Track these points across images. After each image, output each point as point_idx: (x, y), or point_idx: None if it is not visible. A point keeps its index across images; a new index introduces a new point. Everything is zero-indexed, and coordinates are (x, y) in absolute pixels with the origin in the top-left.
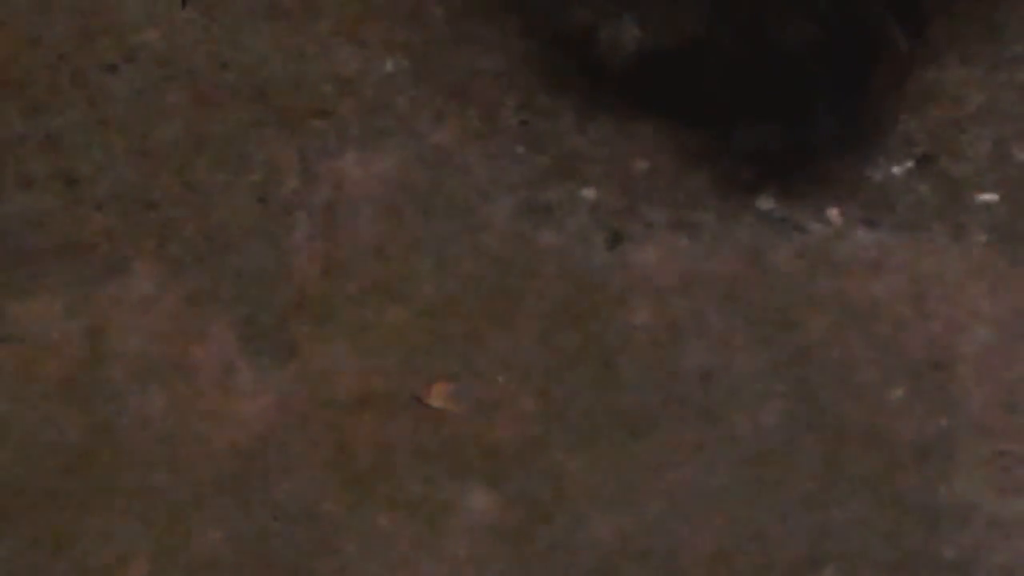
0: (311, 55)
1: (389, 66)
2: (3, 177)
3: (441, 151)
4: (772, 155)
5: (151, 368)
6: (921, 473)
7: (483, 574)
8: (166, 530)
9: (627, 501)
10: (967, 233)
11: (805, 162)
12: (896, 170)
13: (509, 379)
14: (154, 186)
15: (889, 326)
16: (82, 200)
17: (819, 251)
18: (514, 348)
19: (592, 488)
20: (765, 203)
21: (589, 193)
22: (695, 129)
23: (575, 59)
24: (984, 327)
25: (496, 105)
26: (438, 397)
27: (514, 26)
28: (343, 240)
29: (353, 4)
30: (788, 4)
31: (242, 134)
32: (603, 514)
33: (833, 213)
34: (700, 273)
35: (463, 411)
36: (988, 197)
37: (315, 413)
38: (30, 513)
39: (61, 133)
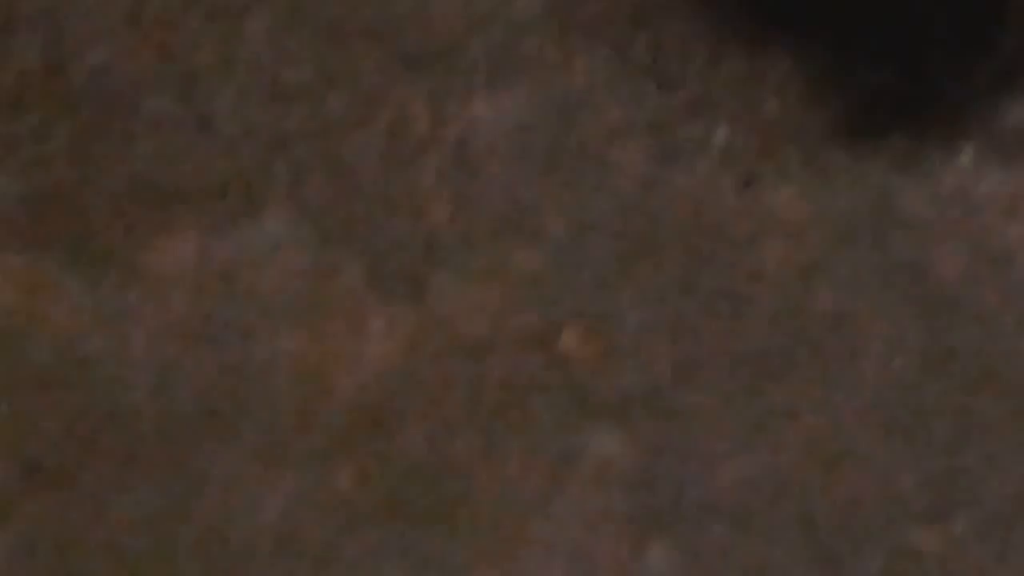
0: None
1: (519, 6)
2: (136, 118)
3: (571, 92)
4: (902, 94)
5: (282, 310)
6: None
7: (614, 519)
8: (298, 473)
9: (757, 447)
10: None
11: (937, 102)
12: None
13: (640, 322)
14: (285, 127)
15: (1022, 269)
16: (215, 141)
17: (951, 193)
18: (645, 291)
19: (722, 433)
20: (897, 144)
21: (721, 134)
22: (828, 69)
23: None
24: None
25: (627, 45)
26: (568, 340)
27: None
28: (472, 182)
29: None
30: None
31: (371, 76)
32: (733, 460)
33: (966, 155)
34: (832, 215)
35: (593, 354)
36: None
37: (445, 356)
38: (164, 454)
39: (194, 74)
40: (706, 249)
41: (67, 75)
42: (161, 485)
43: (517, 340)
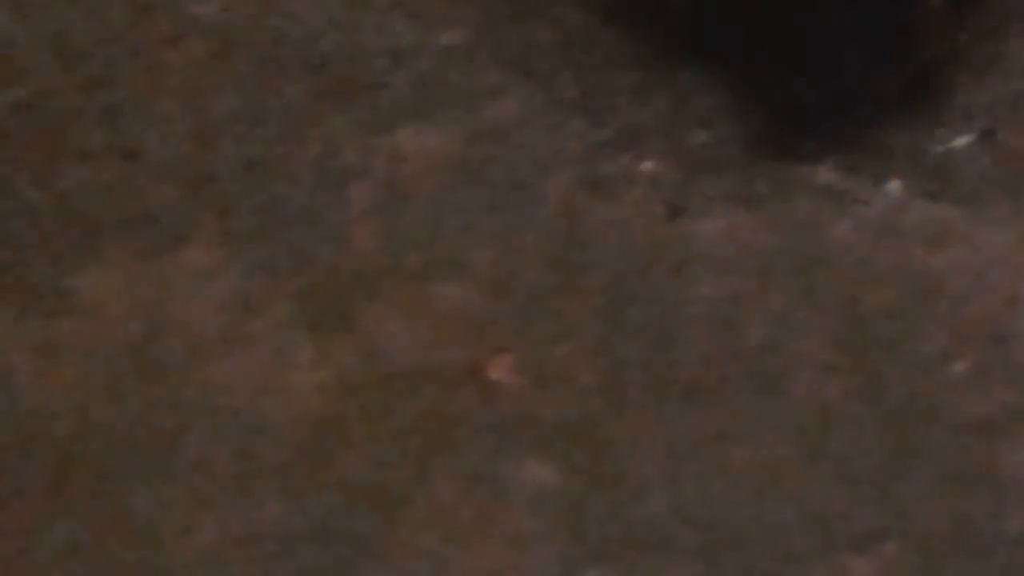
0: (368, 28)
1: (446, 39)
2: (62, 151)
3: (498, 125)
4: (828, 124)
5: (210, 342)
6: (984, 447)
7: (543, 546)
8: (228, 503)
9: (687, 474)
10: None
11: (863, 133)
12: (957, 142)
13: (568, 352)
14: (212, 159)
15: (951, 300)
16: (141, 174)
17: (879, 224)
18: (573, 321)
19: (651, 461)
20: (825, 175)
21: (648, 166)
22: (755, 102)
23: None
24: None
25: (554, 78)
26: (497, 370)
27: None
28: (400, 213)
29: None
30: None
31: (299, 107)
32: (663, 487)
33: (893, 186)
34: (760, 246)
35: (522, 384)
36: None
37: (374, 387)
38: (92, 486)
39: (119, 106)
40: (634, 280)
41: None
42: (89, 517)
43: (447, 370)
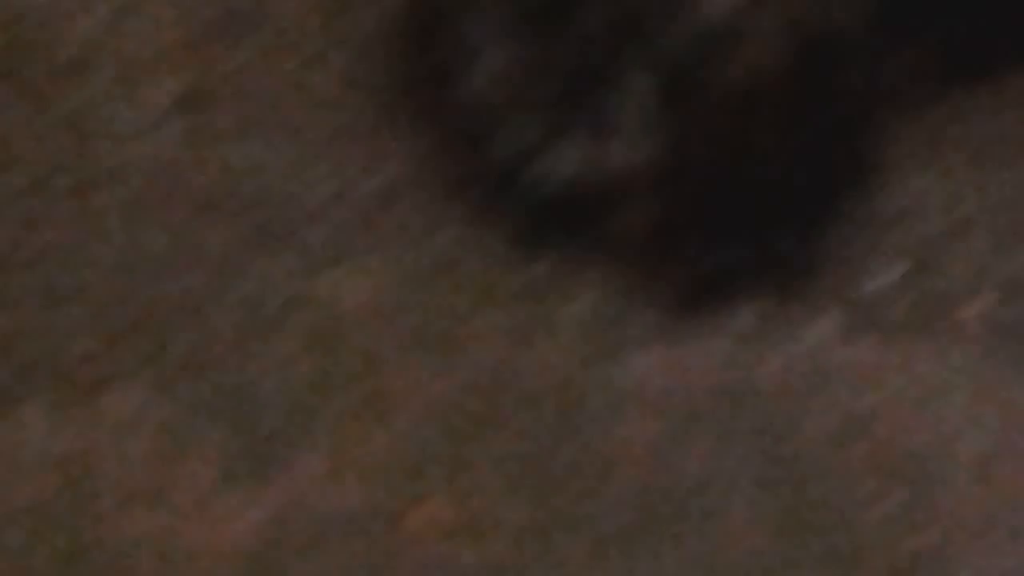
0: (302, 167)
1: (380, 179)
2: None
3: (432, 263)
4: (751, 264)
5: (133, 492)
6: None
7: None
8: None
9: None
10: (957, 342)
11: (790, 276)
12: (884, 280)
13: (499, 496)
14: (141, 301)
15: (880, 437)
16: (65, 317)
17: (808, 363)
18: (504, 463)
19: None
20: (754, 314)
21: (580, 305)
22: (682, 241)
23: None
24: (977, 435)
25: (488, 217)
26: (423, 514)
27: None
28: (331, 355)
29: (345, 117)
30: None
31: (232, 246)
32: None
33: (821, 324)
34: (691, 385)
35: (452, 530)
36: (977, 305)
37: (300, 534)
38: None
39: (47, 249)
40: (566, 419)
41: None
42: None
43: (375, 516)
